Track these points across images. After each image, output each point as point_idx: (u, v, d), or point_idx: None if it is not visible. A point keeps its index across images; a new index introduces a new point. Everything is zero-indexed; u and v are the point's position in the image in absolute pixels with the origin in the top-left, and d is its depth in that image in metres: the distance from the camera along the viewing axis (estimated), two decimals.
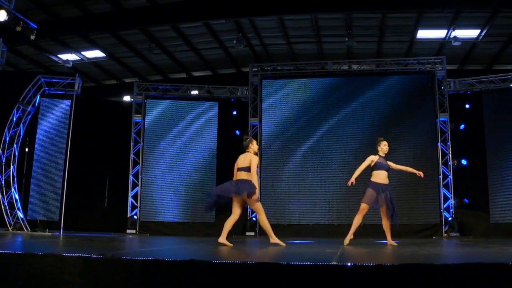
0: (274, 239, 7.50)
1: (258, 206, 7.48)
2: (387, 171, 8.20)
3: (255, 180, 7.32)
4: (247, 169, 7.30)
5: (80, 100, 14.58)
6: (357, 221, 8.08)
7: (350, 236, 8.07)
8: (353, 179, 8.15)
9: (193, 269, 3.59)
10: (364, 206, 8.08)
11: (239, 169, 7.38)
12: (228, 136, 14.71)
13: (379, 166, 8.19)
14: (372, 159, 8.27)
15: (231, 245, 7.07)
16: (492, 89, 13.88)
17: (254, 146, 7.61)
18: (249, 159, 7.37)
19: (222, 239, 7.18)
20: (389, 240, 8.10)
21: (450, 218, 13.30)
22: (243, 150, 7.56)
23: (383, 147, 8.32)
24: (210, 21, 13.62)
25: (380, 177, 8.14)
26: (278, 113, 14.59)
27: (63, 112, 14.23)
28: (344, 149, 14.02)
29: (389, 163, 8.26)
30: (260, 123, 14.60)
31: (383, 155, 8.30)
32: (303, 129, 14.36)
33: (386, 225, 8.14)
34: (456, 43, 13.42)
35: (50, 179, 13.95)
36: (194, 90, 15.32)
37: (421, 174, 8.40)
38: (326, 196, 13.94)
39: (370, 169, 8.23)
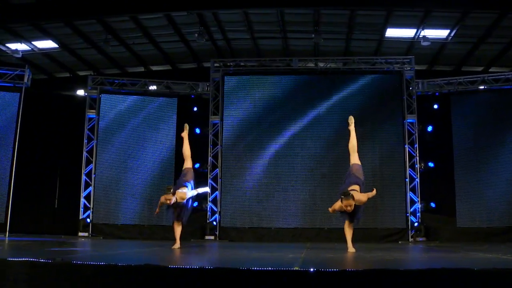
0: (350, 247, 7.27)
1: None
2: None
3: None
4: None
5: (30, 93, 13.82)
6: None
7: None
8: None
9: (148, 274, 3.38)
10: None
11: None
12: (188, 134, 13.95)
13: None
14: None
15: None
16: (460, 91, 13.68)
17: None
18: None
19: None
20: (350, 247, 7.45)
21: (416, 223, 12.93)
22: None
23: None
24: (171, 13, 12.99)
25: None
26: (241, 111, 13.99)
27: (11, 106, 13.51)
28: (309, 151, 13.56)
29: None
30: (222, 121, 13.97)
31: None
32: (267, 128, 13.82)
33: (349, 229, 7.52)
34: (425, 43, 13.15)
35: None
36: (153, 85, 14.62)
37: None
38: (290, 199, 13.42)
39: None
